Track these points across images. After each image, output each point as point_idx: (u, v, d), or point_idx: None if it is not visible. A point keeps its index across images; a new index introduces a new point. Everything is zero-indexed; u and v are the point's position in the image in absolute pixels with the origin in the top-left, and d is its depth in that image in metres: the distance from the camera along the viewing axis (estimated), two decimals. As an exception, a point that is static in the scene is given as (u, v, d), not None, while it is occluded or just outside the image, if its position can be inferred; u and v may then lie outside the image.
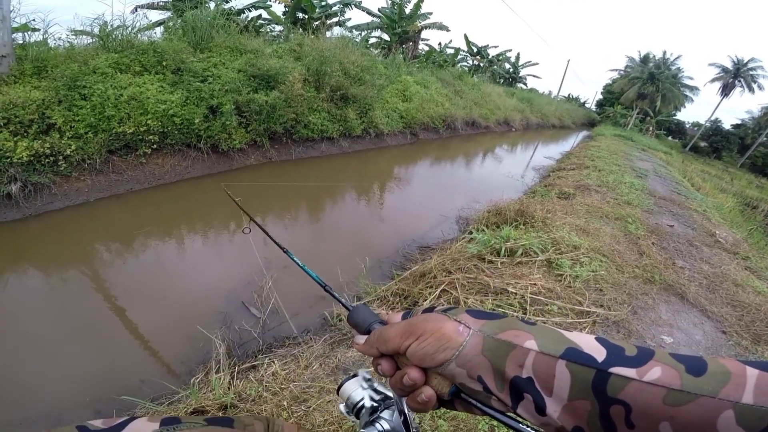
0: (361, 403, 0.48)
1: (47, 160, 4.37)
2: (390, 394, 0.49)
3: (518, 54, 29.70)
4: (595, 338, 0.35)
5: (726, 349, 2.86)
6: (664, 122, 37.76)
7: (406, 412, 0.46)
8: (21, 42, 5.20)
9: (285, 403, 1.88)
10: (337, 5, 12.98)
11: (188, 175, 5.63)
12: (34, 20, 5.48)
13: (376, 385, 0.51)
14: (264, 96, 6.15)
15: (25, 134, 4.34)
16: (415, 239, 4.85)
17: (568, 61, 32.79)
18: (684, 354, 0.33)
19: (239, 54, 6.83)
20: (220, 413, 1.81)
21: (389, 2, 15.55)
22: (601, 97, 44.76)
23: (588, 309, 2.72)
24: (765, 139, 34.45)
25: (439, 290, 2.86)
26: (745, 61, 32.31)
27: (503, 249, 3.29)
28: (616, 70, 37.33)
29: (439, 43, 22.46)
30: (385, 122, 9.21)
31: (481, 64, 25.78)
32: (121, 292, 3.26)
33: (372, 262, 4.04)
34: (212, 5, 8.11)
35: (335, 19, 13.39)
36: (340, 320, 2.91)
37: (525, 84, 32.08)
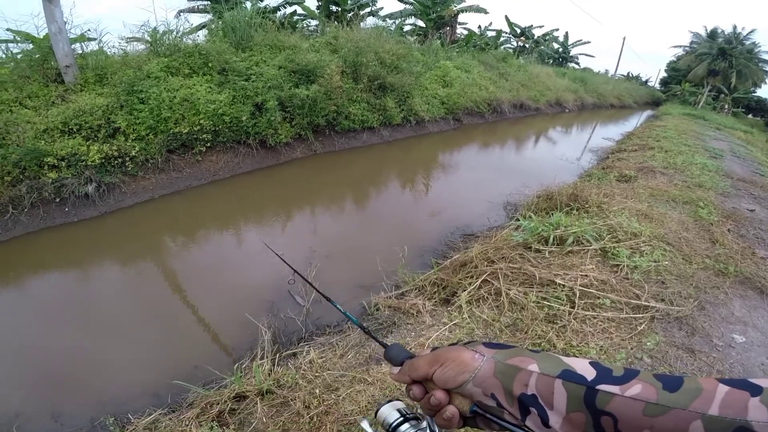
0: (396, 423, 0.55)
1: (116, 162, 4.81)
2: (421, 416, 0.57)
3: (566, 33, 27.90)
4: (589, 362, 0.42)
5: (809, 352, 2.42)
6: (742, 99, 33.48)
7: (436, 431, 0.54)
8: (80, 52, 5.65)
9: (317, 391, 1.90)
10: (368, -6, 12.90)
11: (240, 171, 5.93)
12: (89, 30, 5.85)
13: (409, 410, 0.58)
14: (305, 90, 6.28)
15: (95, 138, 4.79)
16: (459, 227, 4.72)
17: (624, 38, 30.10)
18: (666, 374, 0.39)
19: (278, 51, 7.01)
20: (258, 398, 1.89)
21: (421, -12, 15.15)
22: (665, 74, 40.42)
23: (646, 303, 2.44)
24: None
25: (479, 280, 2.75)
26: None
27: (552, 237, 3.07)
28: (680, 46, 33.52)
29: (479, 26, 21.45)
30: (425, 109, 9.04)
31: (527, 45, 24.35)
32: (183, 282, 3.55)
33: (414, 251, 3.99)
34: (248, 5, 8.37)
35: (368, 10, 13.34)
36: (377, 310, 2.94)
37: (577, 63, 29.93)
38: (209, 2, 10.90)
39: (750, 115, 39.21)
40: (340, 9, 12.22)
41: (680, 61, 32.49)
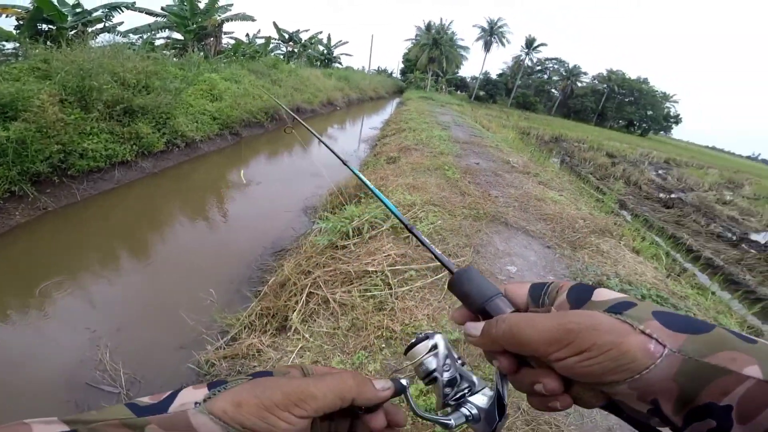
0: (437, 376, 0.37)
1: None
2: (475, 380, 0.39)
3: (329, 35, 30.52)
4: None
5: (556, 262, 3.23)
6: (452, 80, 45.97)
7: (504, 398, 0.37)
8: None
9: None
10: (101, 10, 10.61)
11: None
12: None
13: (459, 362, 0.39)
14: (2, 132, 4.54)
15: None
16: (266, 247, 4.50)
17: (372, 36, 35.52)
18: None
19: (-62, 85, 4.80)
20: None
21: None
22: (402, 66, 50.12)
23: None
24: (519, 82, 46.59)
25: (304, 295, 2.70)
26: (495, 20, 41.43)
27: (350, 230, 3.29)
28: (410, 39, 42.48)
29: (247, 35, 20.94)
30: (194, 128, 8.10)
31: (296, 50, 25.38)
32: None
33: (226, 288, 3.61)
34: None
35: (100, 26, 10.95)
36: (212, 366, 2.56)
37: (340, 63, 33.30)
38: None
39: (458, 92, 53.80)
40: (55, 27, 9.43)
41: (411, 52, 41.20)
